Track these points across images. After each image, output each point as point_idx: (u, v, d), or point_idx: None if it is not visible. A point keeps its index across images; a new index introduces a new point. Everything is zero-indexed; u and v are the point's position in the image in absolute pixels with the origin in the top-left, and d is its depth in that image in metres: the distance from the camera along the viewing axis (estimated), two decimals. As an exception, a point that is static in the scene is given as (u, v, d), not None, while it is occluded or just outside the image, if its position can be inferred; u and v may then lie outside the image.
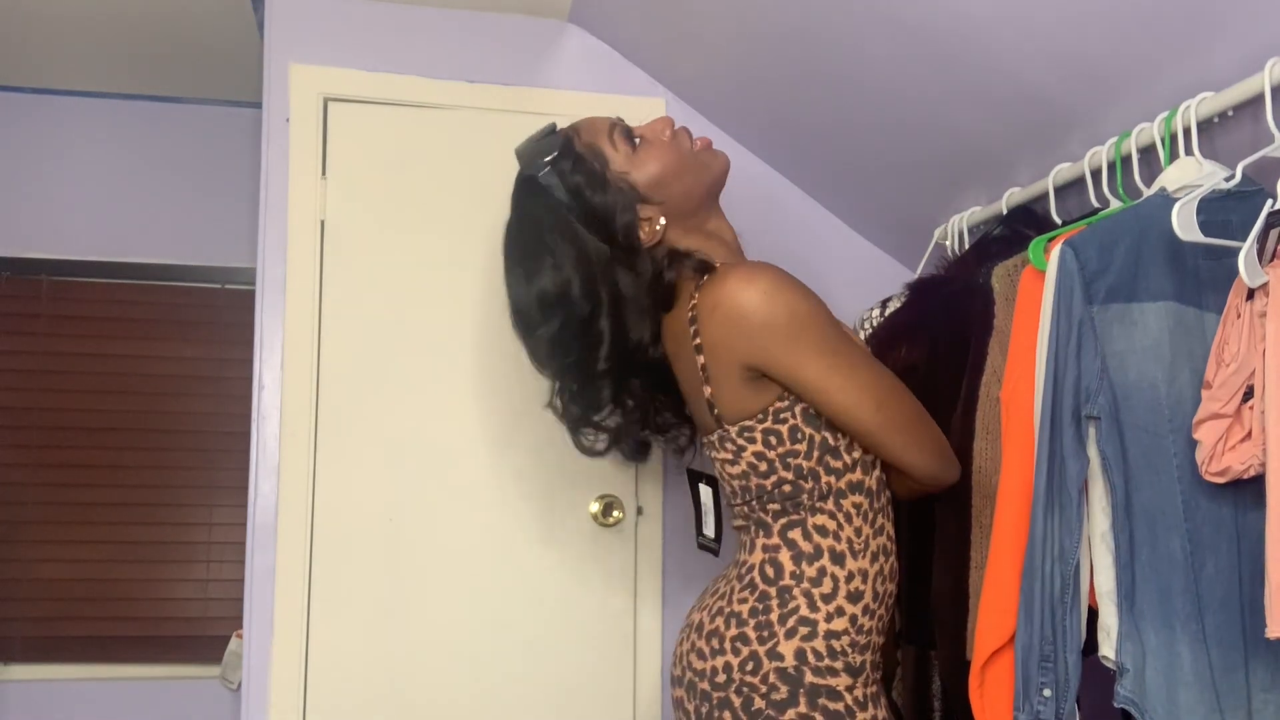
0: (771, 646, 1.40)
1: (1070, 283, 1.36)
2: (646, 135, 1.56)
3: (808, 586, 1.42)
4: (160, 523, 3.19)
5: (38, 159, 3.10)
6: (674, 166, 1.53)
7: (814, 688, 1.38)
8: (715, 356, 1.44)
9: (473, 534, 2.31)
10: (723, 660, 1.43)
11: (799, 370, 1.40)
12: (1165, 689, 1.29)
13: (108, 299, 3.22)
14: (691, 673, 1.47)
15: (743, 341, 1.40)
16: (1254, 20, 1.35)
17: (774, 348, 1.39)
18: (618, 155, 1.52)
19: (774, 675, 1.39)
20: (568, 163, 1.52)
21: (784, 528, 1.46)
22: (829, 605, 1.42)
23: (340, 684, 2.22)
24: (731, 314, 1.40)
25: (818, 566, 1.43)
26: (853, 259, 2.54)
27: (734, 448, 1.47)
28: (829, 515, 1.45)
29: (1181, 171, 1.42)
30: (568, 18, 2.46)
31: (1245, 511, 1.31)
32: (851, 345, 1.45)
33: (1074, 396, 1.34)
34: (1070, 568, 1.33)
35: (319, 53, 2.35)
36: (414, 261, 2.34)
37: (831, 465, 1.45)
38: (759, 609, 1.43)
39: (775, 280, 1.41)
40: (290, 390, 2.26)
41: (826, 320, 1.43)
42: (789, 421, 1.43)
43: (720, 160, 1.58)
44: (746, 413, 1.44)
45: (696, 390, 1.50)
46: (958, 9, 1.66)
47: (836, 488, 1.45)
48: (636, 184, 1.52)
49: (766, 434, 1.44)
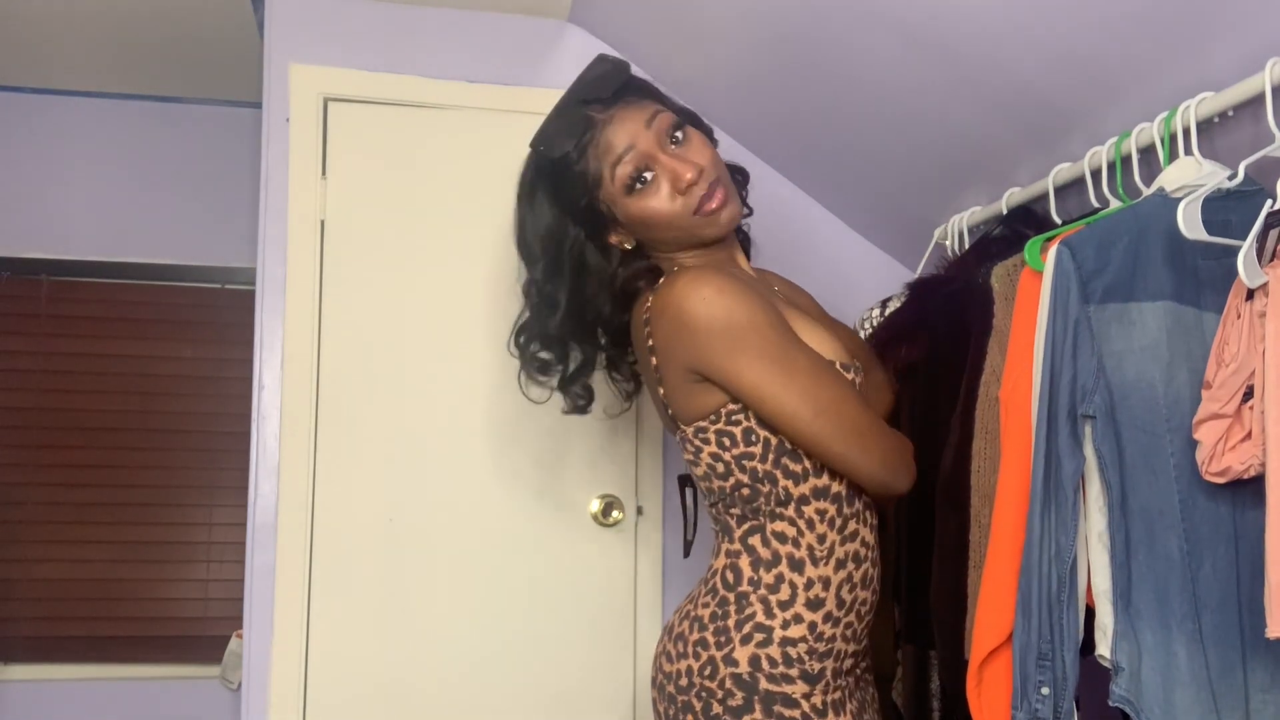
0: (728, 652, 1.40)
1: (1066, 282, 1.36)
2: (659, 175, 1.47)
3: (764, 593, 1.42)
4: (160, 523, 3.19)
5: (38, 159, 3.10)
6: (660, 223, 1.48)
7: (769, 694, 1.38)
8: (664, 358, 1.44)
9: (472, 534, 2.31)
10: (685, 664, 1.43)
11: (736, 376, 1.39)
12: (1161, 689, 1.28)
13: (108, 299, 3.23)
14: (662, 675, 1.48)
15: (685, 344, 1.40)
16: (1254, 20, 1.35)
17: (712, 352, 1.39)
18: (614, 186, 1.47)
19: (730, 681, 1.39)
20: (570, 164, 1.50)
21: (745, 533, 1.46)
22: (785, 612, 1.41)
23: (340, 683, 2.22)
24: (676, 318, 1.40)
25: (775, 573, 1.43)
26: (853, 259, 2.54)
27: (693, 448, 1.48)
28: (789, 522, 1.44)
29: (1181, 171, 1.42)
30: (568, 18, 2.46)
31: (1243, 511, 1.31)
32: (797, 352, 1.41)
33: (1069, 395, 1.34)
34: (1067, 566, 1.33)
35: (319, 53, 2.35)
36: (414, 261, 2.34)
37: (790, 469, 1.43)
38: (718, 614, 1.43)
39: (717, 287, 1.39)
40: (290, 390, 2.26)
41: (769, 325, 1.40)
42: (741, 424, 1.43)
43: (715, 228, 1.50)
44: (698, 414, 1.45)
45: (653, 391, 1.51)
46: (958, 9, 1.66)
47: (798, 493, 1.44)
48: (618, 215, 1.50)
49: (720, 435, 1.44)
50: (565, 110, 1.50)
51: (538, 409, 2.34)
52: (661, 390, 1.48)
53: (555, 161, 1.49)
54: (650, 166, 1.46)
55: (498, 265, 2.37)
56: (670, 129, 1.48)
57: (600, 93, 1.48)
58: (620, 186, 1.47)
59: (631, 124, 1.47)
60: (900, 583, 1.93)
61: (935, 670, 1.96)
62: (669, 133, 1.48)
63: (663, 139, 1.47)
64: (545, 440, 2.35)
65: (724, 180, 1.50)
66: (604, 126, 1.47)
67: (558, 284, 1.54)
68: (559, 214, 1.52)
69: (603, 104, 1.48)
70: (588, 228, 1.52)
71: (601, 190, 1.49)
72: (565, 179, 1.50)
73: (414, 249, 2.35)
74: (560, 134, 1.49)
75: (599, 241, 1.53)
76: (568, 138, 1.48)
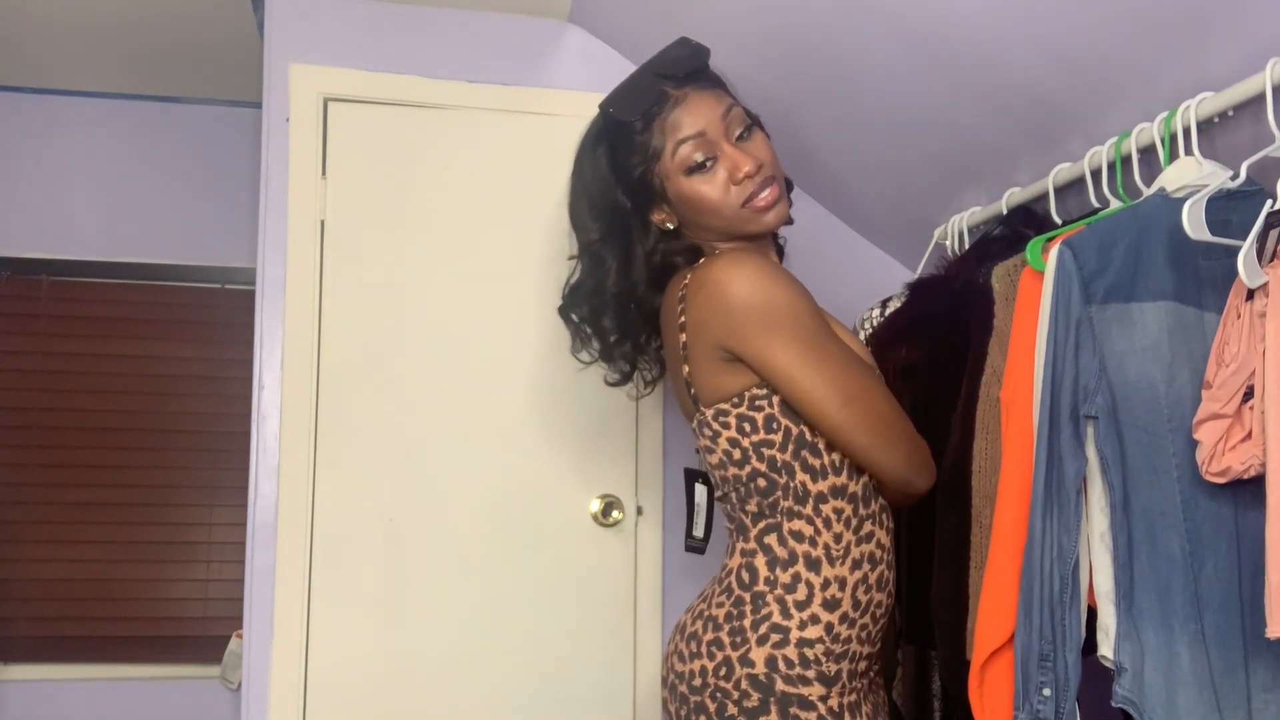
0: (744, 653, 1.40)
1: (1068, 282, 1.36)
2: (720, 164, 1.48)
3: (781, 593, 1.42)
4: (160, 523, 3.19)
5: (38, 159, 3.10)
6: (708, 209, 1.50)
7: (785, 696, 1.38)
8: (695, 335, 1.45)
9: (472, 534, 2.31)
10: (699, 664, 1.43)
11: (768, 357, 1.40)
12: (1164, 689, 1.28)
13: (108, 299, 3.22)
14: (674, 675, 1.47)
15: (720, 321, 1.41)
16: (1254, 20, 1.35)
17: (748, 330, 1.40)
18: (673, 162, 1.49)
19: (746, 682, 1.39)
20: (633, 131, 1.51)
21: (761, 532, 1.45)
22: (803, 613, 1.41)
23: (340, 684, 2.22)
24: (714, 294, 1.42)
25: (792, 573, 1.42)
26: (853, 259, 2.54)
27: (710, 433, 1.48)
28: (806, 520, 1.44)
29: (1181, 172, 1.42)
30: (568, 18, 2.46)
31: (1245, 511, 1.31)
32: (830, 342, 1.43)
33: (1072, 396, 1.34)
34: (1069, 567, 1.33)
35: (319, 53, 2.35)
36: (414, 261, 2.34)
37: (809, 462, 1.43)
38: (734, 614, 1.43)
39: (760, 267, 1.42)
40: (290, 390, 2.26)
41: (806, 313, 1.43)
42: (764, 410, 1.43)
43: (759, 225, 1.51)
44: (721, 395, 1.45)
45: (677, 371, 1.51)
46: (958, 9, 1.66)
47: (815, 490, 1.44)
48: (668, 193, 1.51)
49: (741, 420, 1.44)
50: (639, 80, 1.53)
51: (537, 409, 2.35)
52: (686, 368, 1.48)
53: (621, 126, 1.51)
54: (715, 154, 1.49)
55: (498, 264, 2.37)
56: (741, 124, 1.51)
57: (676, 70, 1.51)
58: (680, 165, 1.49)
59: (705, 109, 1.50)
60: (901, 583, 1.93)
61: (936, 671, 1.96)
62: (739, 127, 1.51)
63: (731, 131, 1.50)
64: (545, 440, 2.35)
65: (779, 181, 1.53)
66: (675, 104, 1.49)
67: (609, 247, 1.56)
68: (613, 179, 1.54)
69: (676, 82, 1.50)
70: (635, 198, 1.53)
71: (659, 164, 1.50)
72: (626, 145, 1.51)
73: (414, 249, 2.35)
74: (631, 101, 1.51)
75: (642, 216, 1.55)
76: (638, 105, 1.50)
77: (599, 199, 1.55)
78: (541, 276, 2.25)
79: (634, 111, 1.49)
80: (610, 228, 1.55)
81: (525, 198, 2.36)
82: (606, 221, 1.55)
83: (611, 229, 1.55)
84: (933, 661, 1.98)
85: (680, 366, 1.49)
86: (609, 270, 1.56)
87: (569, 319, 1.64)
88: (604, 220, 1.56)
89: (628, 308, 1.60)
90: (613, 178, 1.54)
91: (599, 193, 1.55)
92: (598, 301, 1.59)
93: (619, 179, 1.53)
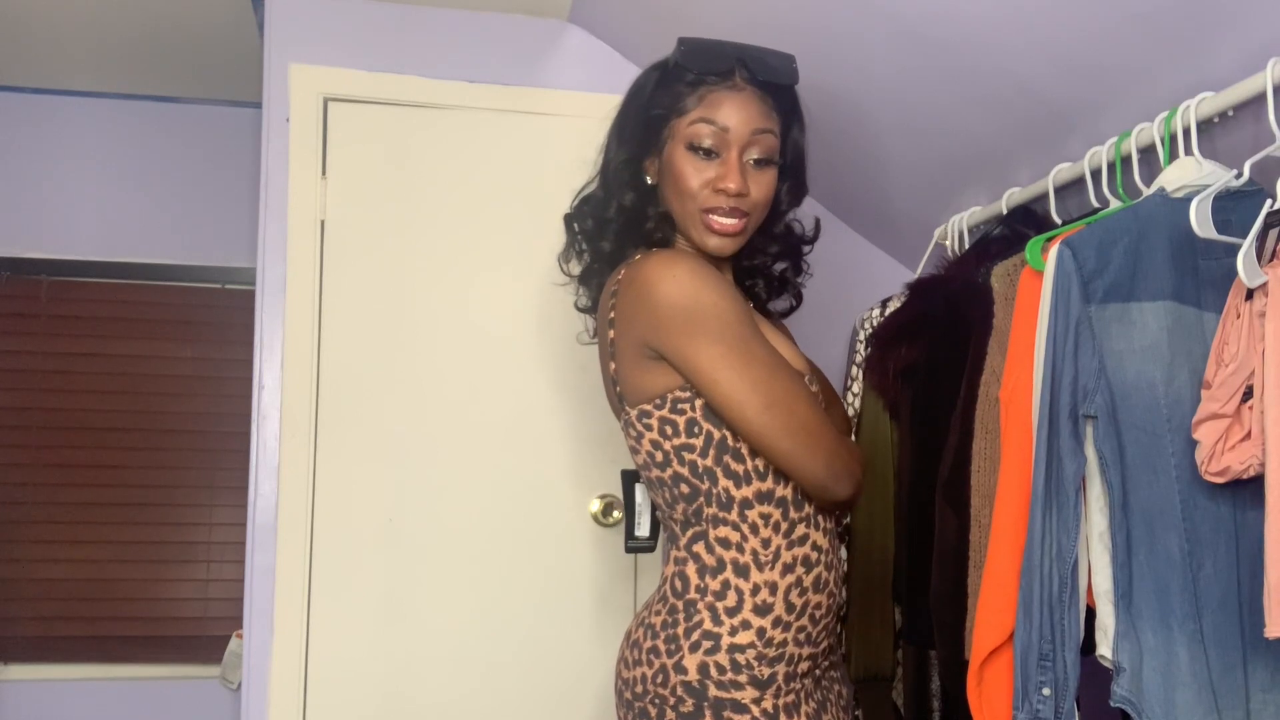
0: (678, 660, 1.40)
1: (1067, 282, 1.36)
2: (717, 164, 1.48)
3: (712, 600, 1.42)
4: (160, 523, 3.19)
5: (38, 159, 3.10)
6: (677, 189, 1.49)
7: (718, 701, 1.38)
8: (622, 331, 1.45)
9: (472, 534, 2.31)
10: (640, 671, 1.44)
11: (690, 355, 1.39)
12: (1163, 688, 1.29)
13: (108, 299, 3.22)
14: (620, 681, 1.48)
15: (646, 318, 1.41)
16: (1254, 20, 1.35)
17: (673, 329, 1.39)
18: (684, 129, 1.48)
19: (680, 688, 1.39)
20: (679, 79, 1.50)
21: (689, 540, 1.46)
22: (733, 619, 1.41)
23: (340, 684, 2.22)
24: (642, 292, 1.41)
25: (721, 580, 1.42)
26: (853, 259, 2.54)
27: (634, 433, 1.48)
28: (732, 527, 1.43)
29: (1181, 171, 1.42)
30: (568, 18, 2.46)
31: (1244, 511, 1.31)
32: (758, 346, 1.41)
33: (1071, 395, 1.34)
34: (1068, 567, 1.33)
35: (319, 53, 2.36)
36: (414, 261, 2.34)
37: (731, 468, 1.42)
38: (669, 622, 1.43)
39: (691, 269, 1.41)
40: (290, 390, 2.26)
41: (734, 316, 1.40)
42: (686, 413, 1.42)
43: (702, 240, 1.50)
44: (646, 395, 1.44)
45: (605, 367, 1.51)
46: (959, 9, 1.66)
47: (740, 496, 1.43)
48: (664, 150, 1.51)
49: (663, 422, 1.44)
50: (724, 48, 1.51)
51: (537, 409, 2.36)
52: (613, 365, 1.48)
53: (678, 67, 1.50)
54: (719, 153, 1.48)
55: (498, 264, 2.37)
56: (763, 153, 1.49)
57: (755, 68, 1.50)
58: (687, 136, 1.48)
59: (746, 114, 1.48)
60: (900, 583, 1.93)
61: (935, 670, 1.96)
62: (759, 153, 1.49)
63: (749, 149, 1.48)
64: (545, 440, 2.35)
65: (752, 222, 1.51)
66: (729, 89, 1.48)
67: (635, 168, 1.55)
68: (651, 107, 1.53)
69: (747, 75, 1.49)
70: (644, 135, 1.53)
71: (676, 121, 1.49)
72: (668, 86, 1.51)
73: (414, 249, 2.35)
74: (703, 56, 1.50)
75: (637, 163, 1.54)
76: (704, 63, 1.49)
77: (632, 117, 1.55)
78: (542, 276, 2.25)
79: (697, 64, 1.48)
80: (647, 145, 1.54)
81: (525, 197, 2.36)
82: (643, 139, 1.54)
83: (648, 147, 1.54)
84: (932, 661, 1.98)
85: (608, 363, 1.49)
86: (629, 190, 1.55)
87: (570, 227, 1.63)
88: (641, 139, 1.54)
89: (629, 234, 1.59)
90: (652, 106, 1.53)
91: (641, 110, 1.54)
92: (604, 218, 1.58)
93: (650, 111, 1.52)
